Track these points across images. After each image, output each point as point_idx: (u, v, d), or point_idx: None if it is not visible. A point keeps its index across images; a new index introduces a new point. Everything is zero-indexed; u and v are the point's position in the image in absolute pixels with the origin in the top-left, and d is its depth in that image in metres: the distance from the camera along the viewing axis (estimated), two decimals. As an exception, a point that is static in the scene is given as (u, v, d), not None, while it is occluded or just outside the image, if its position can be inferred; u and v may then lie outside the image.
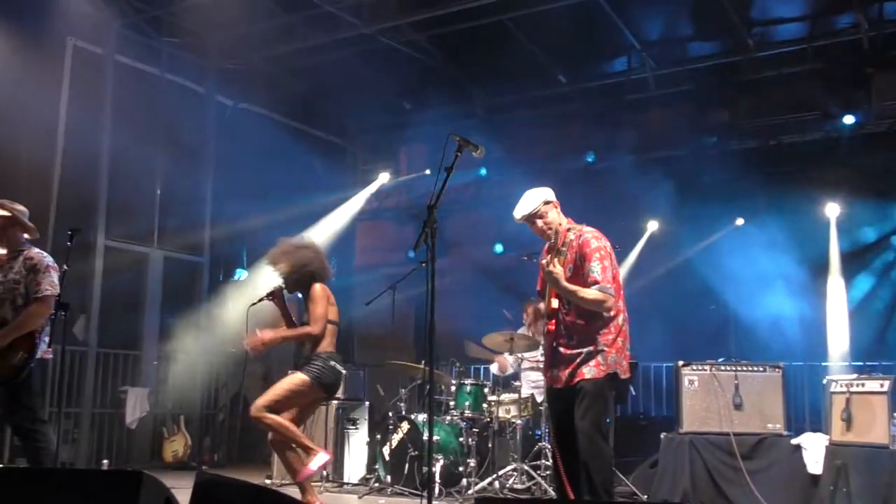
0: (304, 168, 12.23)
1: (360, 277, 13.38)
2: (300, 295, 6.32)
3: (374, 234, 14.12)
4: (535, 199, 4.99)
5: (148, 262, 10.98)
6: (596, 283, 4.74)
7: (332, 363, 6.11)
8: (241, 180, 11.26)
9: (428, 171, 12.57)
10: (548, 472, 7.34)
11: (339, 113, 13.09)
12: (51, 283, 5.66)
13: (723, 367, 7.35)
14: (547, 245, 5.04)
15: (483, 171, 12.00)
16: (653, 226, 11.58)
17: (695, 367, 7.38)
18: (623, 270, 11.00)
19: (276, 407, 5.93)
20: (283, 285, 6.31)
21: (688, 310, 10.45)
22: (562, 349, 4.88)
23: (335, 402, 8.57)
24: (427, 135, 12.41)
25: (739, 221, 10.99)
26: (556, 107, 12.00)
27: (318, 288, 6.19)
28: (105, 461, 9.58)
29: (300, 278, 6.24)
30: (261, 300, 6.36)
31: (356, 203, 12.97)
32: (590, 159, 11.72)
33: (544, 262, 4.79)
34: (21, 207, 5.84)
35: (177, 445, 10.20)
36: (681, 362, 7.46)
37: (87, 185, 10.12)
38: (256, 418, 5.92)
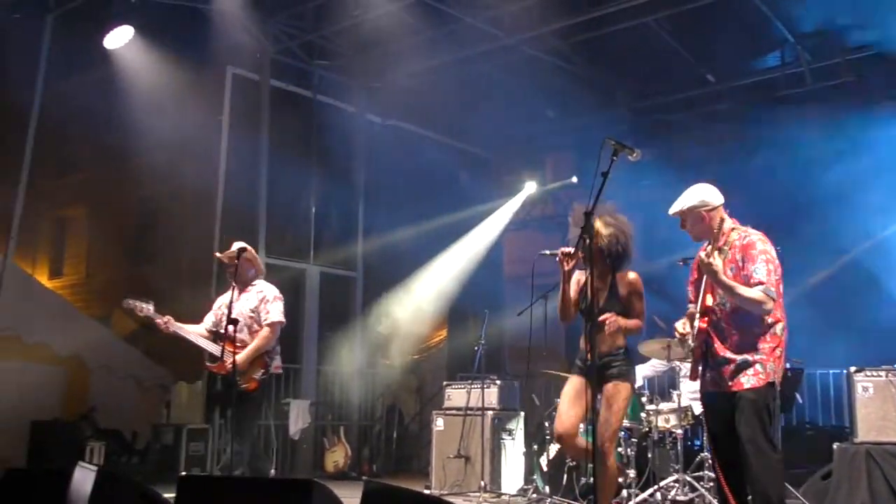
0: (451, 181, 12.40)
1: (509, 287, 13.40)
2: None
3: (522, 244, 14.09)
4: (692, 198, 4.83)
5: (305, 278, 11.38)
6: (760, 283, 4.55)
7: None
8: (391, 195, 11.52)
9: (575, 179, 12.46)
10: (711, 484, 7.10)
11: (483, 125, 13.18)
12: (278, 311, 6.49)
13: (901, 373, 6.91)
14: (706, 244, 4.86)
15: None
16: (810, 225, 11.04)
17: (869, 373, 6.97)
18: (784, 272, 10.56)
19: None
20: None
21: (853, 312, 9.90)
22: (717, 350, 4.70)
23: (490, 412, 8.61)
24: (572, 142, 12.34)
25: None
26: (705, 106, 11.68)
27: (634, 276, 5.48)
28: (272, 471, 9.95)
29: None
30: (553, 254, 5.55)
31: (504, 214, 12.99)
32: (745, 159, 11.31)
33: (702, 254, 4.61)
34: (251, 249, 6.63)
35: (337, 456, 10.49)
36: (853, 368, 7.06)
37: (247, 205, 10.61)
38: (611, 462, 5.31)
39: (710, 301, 4.73)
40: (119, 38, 8.90)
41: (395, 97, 12.03)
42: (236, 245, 6.49)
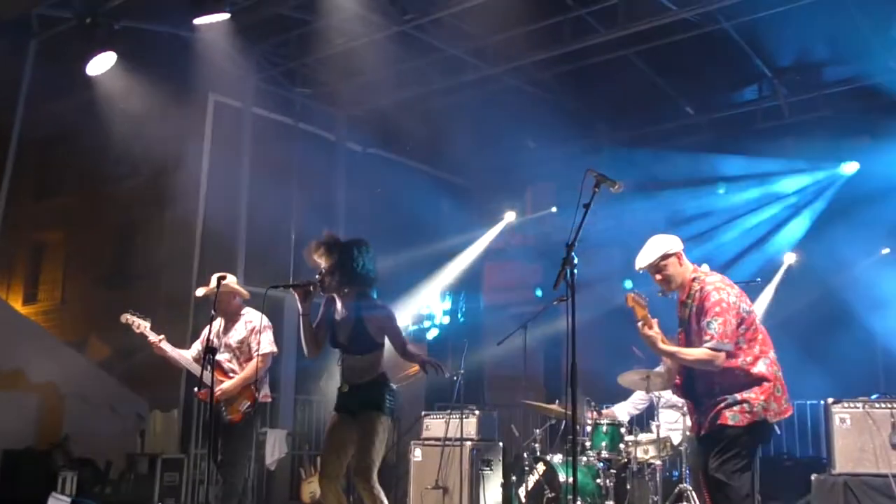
0: (432, 209, 12.40)
1: (489, 317, 13.40)
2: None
3: (502, 274, 14.13)
4: (654, 252, 4.89)
5: (284, 307, 11.30)
6: (711, 338, 4.58)
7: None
8: (371, 223, 11.52)
9: (554, 209, 12.54)
10: (690, 515, 7.08)
11: (464, 154, 13.23)
12: (269, 342, 6.46)
13: (877, 405, 6.94)
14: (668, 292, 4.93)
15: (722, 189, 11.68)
16: (790, 258, 11.16)
17: (846, 405, 7.00)
18: (761, 305, 10.63)
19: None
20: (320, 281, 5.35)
21: (830, 343, 9.98)
22: (704, 400, 4.75)
23: (469, 442, 8.56)
24: (553, 172, 12.40)
25: (885, 251, 10.45)
26: (684, 138, 11.80)
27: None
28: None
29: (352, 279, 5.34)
30: (286, 287, 5.62)
31: (483, 243, 13.02)
32: (721, 191, 11.43)
33: (638, 324, 4.69)
34: (232, 278, 6.49)
35: (314, 486, 10.37)
36: (830, 399, 7.09)
37: (227, 231, 10.57)
38: (371, 488, 5.32)
39: None
40: (102, 64, 8.88)
41: (376, 125, 12.09)
42: (215, 277, 6.36)
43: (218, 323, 6.44)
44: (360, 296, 5.45)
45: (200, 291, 6.51)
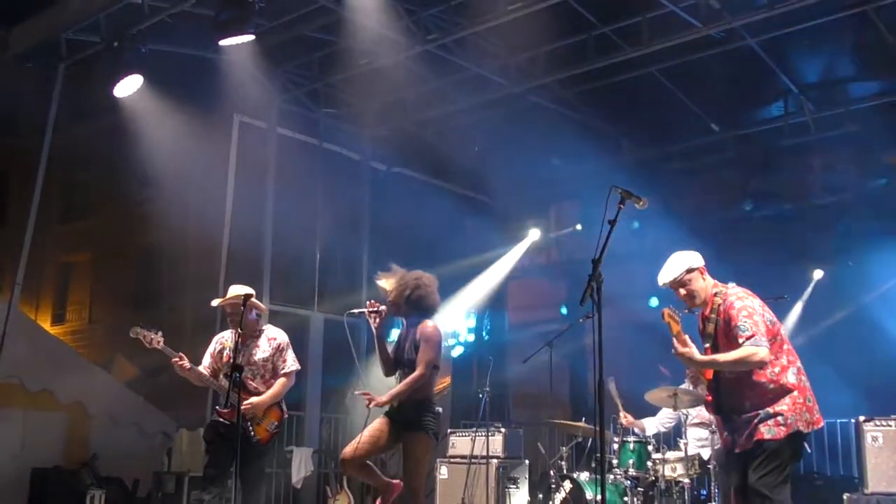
0: (456, 228, 12.43)
1: (514, 336, 13.36)
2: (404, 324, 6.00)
3: (526, 292, 14.08)
4: (678, 267, 4.90)
5: (309, 325, 11.35)
6: (745, 337, 4.57)
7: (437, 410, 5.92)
8: (396, 242, 11.53)
9: (579, 227, 12.50)
10: (719, 535, 6.99)
11: (488, 172, 13.24)
12: (294, 359, 6.38)
13: (909, 423, 6.85)
14: (700, 313, 4.92)
15: (637, 224, 11.79)
16: (818, 274, 11.06)
17: (878, 423, 6.92)
18: (789, 321, 10.53)
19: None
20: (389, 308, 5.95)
21: (861, 360, 9.85)
22: (734, 417, 4.73)
23: (495, 460, 8.52)
24: (577, 190, 12.37)
25: (916, 266, 10.33)
26: (709, 156, 11.75)
27: (430, 325, 5.86)
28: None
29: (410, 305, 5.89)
30: (360, 313, 6.06)
31: (508, 261, 12.99)
32: (748, 207, 11.35)
33: (675, 348, 4.71)
34: (249, 290, 6.27)
35: (340, 504, 10.36)
36: (862, 417, 7.01)
37: (252, 251, 10.63)
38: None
39: (710, 373, 4.79)
40: (128, 87, 8.99)
41: (400, 145, 12.13)
42: (235, 290, 6.26)
43: (231, 338, 6.25)
44: (415, 321, 5.95)
45: (216, 302, 6.41)
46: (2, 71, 9.41)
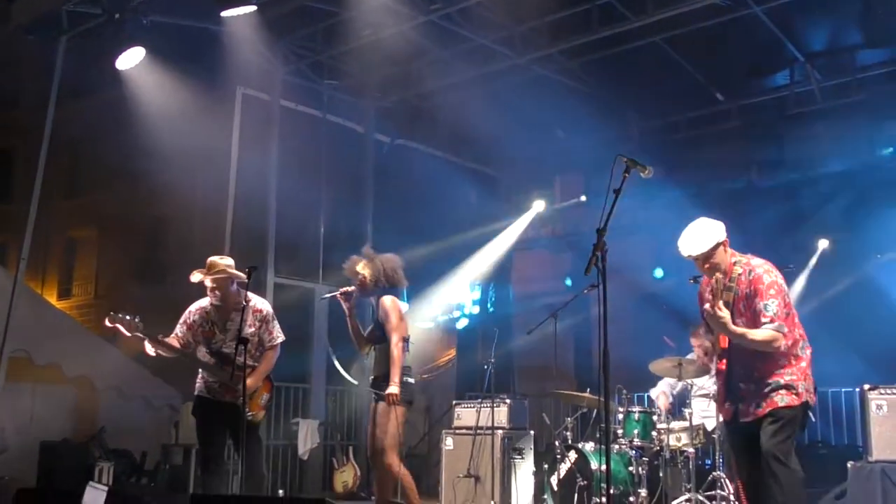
0: (460, 200, 12.40)
1: (519, 307, 13.37)
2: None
3: (531, 264, 14.08)
4: (707, 241, 4.83)
5: (314, 298, 11.36)
6: (771, 321, 4.59)
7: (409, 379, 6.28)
8: (400, 214, 11.53)
9: (584, 198, 12.46)
10: (723, 503, 7.03)
11: (492, 144, 13.20)
12: (279, 331, 6.35)
13: (914, 391, 6.85)
14: (710, 279, 4.89)
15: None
16: (823, 244, 11.03)
17: (883, 391, 6.90)
18: (794, 291, 10.52)
19: (387, 446, 6.14)
20: (357, 289, 6.41)
21: (865, 329, 9.85)
22: (742, 386, 4.76)
23: (500, 431, 8.56)
24: (581, 161, 12.33)
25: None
26: (714, 126, 11.69)
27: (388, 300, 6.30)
28: (280, 491, 9.92)
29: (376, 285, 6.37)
30: (332, 296, 6.52)
31: (512, 233, 12.97)
32: (754, 177, 11.31)
33: (707, 306, 4.68)
34: (229, 260, 6.18)
35: (346, 476, 10.43)
36: (867, 386, 7.00)
37: (256, 224, 10.63)
38: (386, 466, 6.15)
39: (725, 342, 4.80)
40: (131, 60, 8.94)
41: (404, 116, 12.08)
42: (216, 262, 6.05)
43: (213, 311, 6.14)
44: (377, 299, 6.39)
45: (196, 277, 6.11)
46: (4, 44, 9.37)
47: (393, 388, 6.05)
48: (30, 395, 10.56)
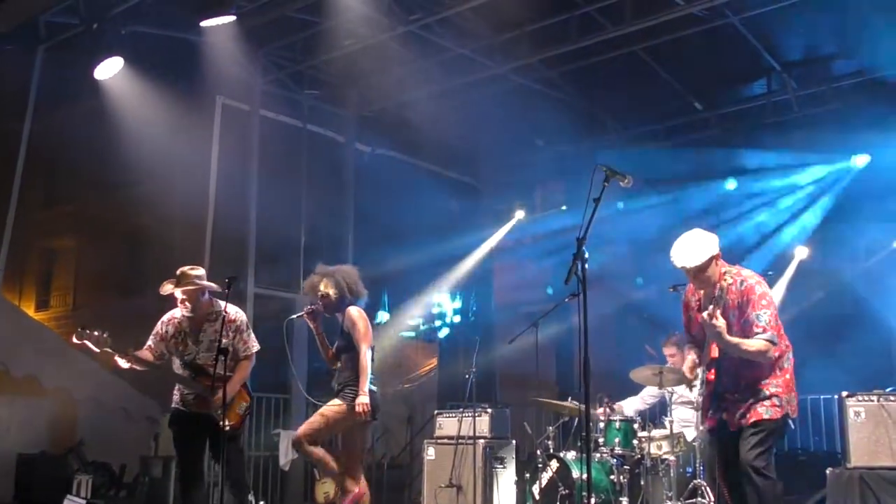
0: (441, 210, 12.40)
1: (500, 316, 13.38)
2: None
3: (512, 273, 14.10)
4: (702, 254, 4.81)
5: (294, 308, 11.30)
6: (764, 331, 4.63)
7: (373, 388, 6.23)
8: (381, 224, 11.51)
9: (564, 207, 12.51)
10: (705, 511, 7.05)
11: (472, 154, 13.24)
12: (254, 340, 6.28)
13: (892, 398, 6.91)
14: (696, 289, 4.93)
15: (620, 205, 11.80)
16: (802, 252, 11.12)
17: (860, 398, 6.97)
18: (774, 299, 10.59)
19: (316, 437, 6.14)
20: (322, 306, 6.37)
21: (843, 337, 9.94)
22: (728, 396, 4.82)
23: (482, 441, 8.55)
24: (562, 170, 12.39)
25: (898, 245, 10.42)
26: (693, 134, 11.77)
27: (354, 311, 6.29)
28: (262, 502, 9.84)
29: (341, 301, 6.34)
30: (299, 316, 6.57)
31: (493, 242, 13.00)
32: (730, 185, 11.41)
33: (704, 315, 4.68)
34: (199, 271, 6.11)
35: (328, 487, 10.27)
36: (845, 393, 7.06)
37: (236, 234, 10.58)
38: (297, 446, 6.22)
39: (716, 352, 4.82)
40: (109, 69, 8.90)
41: (384, 126, 12.08)
42: (187, 273, 5.94)
43: (185, 323, 6.03)
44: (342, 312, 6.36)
45: (167, 289, 5.99)
46: (-19, 54, 9.32)
47: (363, 398, 6.01)
48: (7, 407, 10.44)
